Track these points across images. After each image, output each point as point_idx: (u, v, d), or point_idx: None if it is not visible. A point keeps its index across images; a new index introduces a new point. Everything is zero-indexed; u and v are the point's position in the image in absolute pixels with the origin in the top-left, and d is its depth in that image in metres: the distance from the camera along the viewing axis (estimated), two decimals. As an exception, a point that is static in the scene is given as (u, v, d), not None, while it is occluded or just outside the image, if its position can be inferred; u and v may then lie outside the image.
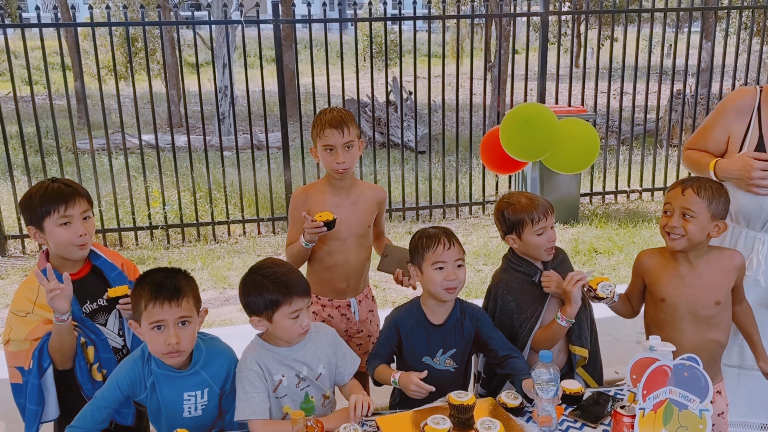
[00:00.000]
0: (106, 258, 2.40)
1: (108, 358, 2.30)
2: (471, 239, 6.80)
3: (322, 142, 2.64)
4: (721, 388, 2.56)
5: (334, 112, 2.66)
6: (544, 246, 2.44)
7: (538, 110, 3.67)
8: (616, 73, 10.73)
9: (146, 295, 1.98)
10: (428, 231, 2.38)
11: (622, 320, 2.79)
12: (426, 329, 2.38)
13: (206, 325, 4.89)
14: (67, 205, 2.20)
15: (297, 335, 2.12)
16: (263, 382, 2.11)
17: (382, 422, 2.01)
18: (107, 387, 2.08)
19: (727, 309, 2.45)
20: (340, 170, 2.65)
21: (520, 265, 2.50)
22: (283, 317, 2.07)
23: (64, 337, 2.16)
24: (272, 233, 7.16)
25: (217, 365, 2.14)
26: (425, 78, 7.15)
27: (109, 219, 6.89)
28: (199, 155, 8.65)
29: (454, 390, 2.32)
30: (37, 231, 2.24)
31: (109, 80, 15.19)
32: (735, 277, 2.44)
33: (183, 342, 1.99)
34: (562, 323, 2.36)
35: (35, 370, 2.18)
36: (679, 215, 2.34)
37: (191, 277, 2.13)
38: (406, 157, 9.52)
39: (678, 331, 2.44)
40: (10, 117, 7.94)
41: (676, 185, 2.40)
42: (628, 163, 7.99)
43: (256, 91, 8.54)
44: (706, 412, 1.83)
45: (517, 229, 2.45)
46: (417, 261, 2.35)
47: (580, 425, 2.09)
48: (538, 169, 6.85)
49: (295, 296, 2.07)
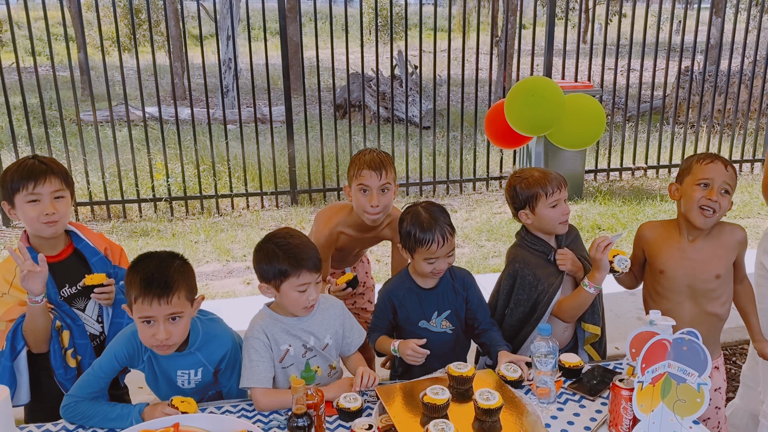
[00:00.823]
0: (89, 242, 2.33)
1: (83, 344, 2.26)
2: (474, 215, 6.80)
3: (358, 182, 2.60)
4: (719, 364, 2.57)
5: (373, 154, 2.63)
6: (558, 219, 2.42)
7: (544, 84, 3.63)
8: (624, 49, 10.63)
9: (136, 287, 1.91)
10: (421, 219, 2.29)
11: (623, 296, 2.80)
12: (418, 294, 2.40)
13: (209, 296, 4.93)
14: (36, 183, 2.14)
15: (302, 308, 2.12)
16: (268, 352, 2.13)
17: (382, 392, 2.03)
18: (105, 357, 2.06)
19: (727, 284, 2.45)
20: (372, 214, 2.61)
21: (534, 243, 2.49)
22: (290, 288, 2.08)
23: (38, 319, 2.12)
24: (275, 207, 7.16)
25: (213, 347, 2.12)
26: (431, 52, 7.10)
27: (112, 191, 6.90)
28: (203, 128, 8.62)
29: (454, 352, 2.38)
30: (10, 207, 2.21)
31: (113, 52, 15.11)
32: (736, 251, 2.43)
33: (173, 337, 1.95)
34: (590, 290, 2.33)
35: (8, 351, 2.15)
36: (719, 191, 2.30)
37: (186, 265, 2.04)
38: (411, 133, 9.48)
39: (676, 303, 2.45)
40: (13, 88, 7.92)
41: (711, 158, 2.34)
42: (633, 140, 7.94)
43: (260, 64, 8.48)
44: (704, 385, 1.83)
45: (530, 203, 2.42)
46: (408, 248, 2.33)
47: (579, 398, 2.10)
48: (542, 144, 6.82)
49: (304, 270, 2.06)
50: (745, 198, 7.22)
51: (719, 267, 2.40)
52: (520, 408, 1.94)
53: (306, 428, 1.72)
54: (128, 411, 1.99)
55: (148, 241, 6.14)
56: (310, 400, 1.80)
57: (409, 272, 2.44)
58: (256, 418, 2.04)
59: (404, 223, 2.34)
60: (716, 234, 2.42)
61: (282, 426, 1.96)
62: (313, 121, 7.78)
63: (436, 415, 1.84)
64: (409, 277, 2.43)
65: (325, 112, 8.87)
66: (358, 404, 1.97)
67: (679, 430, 1.87)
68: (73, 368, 2.23)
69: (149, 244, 6.05)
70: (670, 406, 1.87)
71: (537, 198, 2.41)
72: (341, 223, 2.75)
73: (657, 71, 7.57)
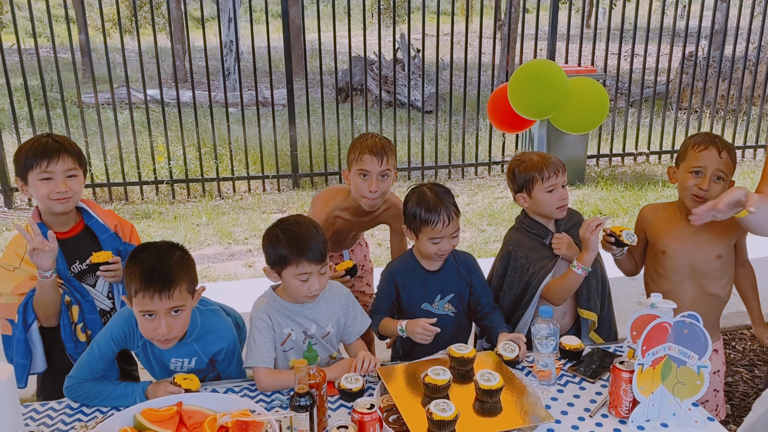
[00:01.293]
0: (99, 218, 2.36)
1: (93, 319, 2.28)
2: (476, 200, 6.80)
3: (358, 167, 2.58)
4: (719, 347, 2.58)
5: (375, 139, 2.61)
6: (554, 204, 2.42)
7: (548, 67, 3.61)
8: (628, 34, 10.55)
9: (136, 281, 1.89)
10: (427, 199, 2.29)
11: (624, 281, 2.80)
12: (422, 277, 2.41)
13: (211, 279, 4.95)
14: (50, 161, 2.17)
15: (303, 297, 2.12)
16: (271, 333, 2.14)
17: (384, 373, 2.04)
18: (102, 338, 2.05)
19: (728, 264, 2.45)
20: (370, 199, 2.60)
21: (532, 227, 2.49)
22: (290, 276, 2.07)
23: (47, 294, 2.15)
24: (277, 190, 7.16)
25: (210, 340, 2.11)
26: (434, 36, 7.05)
27: (114, 173, 6.90)
28: (204, 111, 8.60)
29: (455, 336, 2.40)
30: (23, 184, 2.23)
31: (114, 34, 15.04)
32: (737, 233, 2.43)
33: (174, 330, 1.95)
34: (578, 271, 2.32)
35: (20, 324, 2.19)
36: (711, 178, 2.30)
37: (187, 257, 2.01)
38: (413, 117, 9.45)
39: (677, 284, 2.46)
40: (14, 69, 7.89)
41: (706, 143, 2.31)
42: (636, 125, 7.92)
43: (261, 47, 8.45)
44: (704, 368, 1.84)
45: (527, 186, 2.43)
46: (413, 228, 2.33)
47: (579, 380, 2.11)
48: (545, 128, 6.80)
49: (304, 260, 2.05)
50: (747, 184, 7.21)
51: (720, 247, 2.41)
52: (521, 389, 1.95)
53: (308, 407, 1.73)
54: (131, 389, 2.00)
55: (150, 223, 6.15)
56: (312, 379, 1.81)
57: (413, 254, 2.44)
58: (259, 397, 2.05)
59: (409, 203, 2.34)
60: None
61: (284, 405, 1.98)
62: (315, 105, 7.76)
63: (437, 395, 1.85)
64: (414, 259, 2.43)
65: (327, 96, 8.84)
66: (360, 385, 1.99)
67: (678, 412, 1.88)
68: (83, 342, 2.27)
69: (151, 226, 6.07)
70: (669, 389, 1.88)
71: (533, 182, 2.41)
72: (338, 207, 2.75)
73: (661, 56, 7.52)
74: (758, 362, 3.67)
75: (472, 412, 1.85)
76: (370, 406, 1.71)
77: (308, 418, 1.74)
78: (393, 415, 1.87)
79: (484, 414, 1.84)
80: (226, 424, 1.74)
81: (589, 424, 1.89)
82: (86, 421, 1.93)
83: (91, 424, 1.90)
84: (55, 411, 1.98)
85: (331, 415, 1.94)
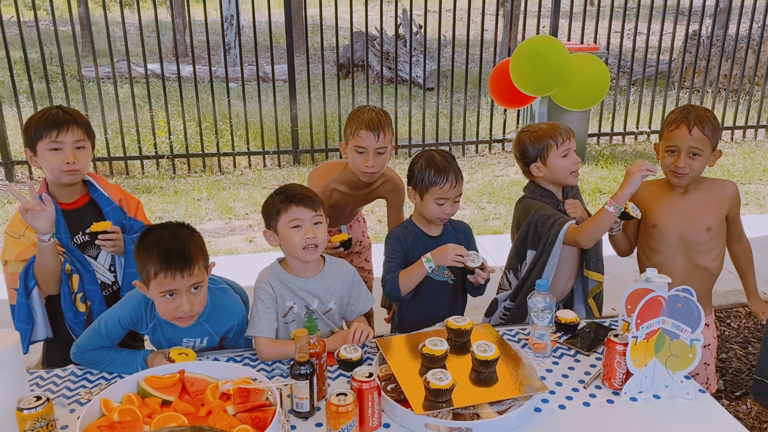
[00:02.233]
0: (103, 191, 2.38)
1: (93, 290, 2.30)
2: (476, 177, 6.81)
3: (355, 143, 2.59)
4: (710, 321, 2.62)
5: (372, 113, 2.59)
6: (570, 168, 2.47)
7: (550, 43, 3.60)
8: (632, 12, 10.47)
9: (155, 262, 1.89)
10: (437, 161, 2.35)
11: (621, 259, 2.84)
12: (424, 242, 2.45)
13: (212, 254, 4.98)
14: (59, 131, 2.19)
15: (300, 249, 2.11)
16: (274, 304, 2.17)
17: (383, 344, 2.08)
18: (110, 319, 2.06)
19: (718, 237, 2.49)
20: (367, 173, 2.62)
21: (544, 195, 2.53)
22: (284, 227, 2.10)
23: (46, 258, 2.17)
24: (278, 166, 7.17)
25: (221, 318, 2.13)
26: (436, 12, 7.01)
27: (115, 147, 6.91)
28: (205, 86, 8.57)
29: (453, 304, 2.48)
30: (32, 154, 2.25)
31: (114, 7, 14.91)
32: (728, 206, 2.47)
33: (195, 307, 1.97)
34: (611, 209, 2.32)
35: (21, 290, 2.22)
36: (686, 155, 2.35)
37: (196, 234, 2.03)
38: (414, 94, 9.41)
39: (668, 257, 2.50)
40: (14, 42, 7.85)
41: (677, 122, 2.36)
42: (638, 104, 7.90)
43: (262, 22, 8.39)
44: (696, 341, 1.88)
45: (542, 154, 2.46)
46: (420, 189, 2.38)
47: (574, 353, 2.15)
48: (546, 105, 6.79)
49: (293, 204, 2.08)
50: (747, 164, 7.22)
51: (710, 220, 2.45)
52: (516, 360, 1.99)
53: (308, 376, 1.77)
54: (133, 357, 2.04)
55: (150, 197, 6.17)
56: (313, 349, 1.84)
57: (413, 221, 2.49)
58: (260, 366, 2.09)
59: (418, 164, 2.38)
60: (707, 187, 2.46)
61: (285, 374, 2.02)
62: (316, 81, 7.73)
63: (434, 365, 1.89)
64: (414, 225, 2.48)
65: (328, 72, 8.80)
66: (359, 355, 2.02)
67: (670, 384, 1.92)
68: (83, 313, 2.29)
69: (152, 200, 6.09)
70: (662, 361, 1.92)
71: (548, 149, 2.45)
72: (335, 180, 2.76)
73: (664, 35, 7.47)
74: (752, 339, 3.71)
75: (468, 382, 1.89)
76: (369, 375, 1.75)
77: (308, 386, 1.78)
78: (391, 384, 1.90)
79: (479, 384, 1.88)
80: (227, 391, 1.78)
81: (583, 395, 1.93)
82: (90, 387, 1.97)
83: (95, 390, 1.94)
84: (60, 378, 2.02)
85: (331, 384, 1.98)
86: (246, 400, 1.74)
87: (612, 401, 1.90)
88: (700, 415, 1.85)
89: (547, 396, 1.91)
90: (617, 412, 1.86)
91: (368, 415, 1.74)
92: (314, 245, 2.12)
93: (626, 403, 1.89)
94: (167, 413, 1.72)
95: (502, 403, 1.81)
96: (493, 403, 1.81)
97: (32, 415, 1.62)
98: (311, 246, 2.11)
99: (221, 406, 1.73)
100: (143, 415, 1.70)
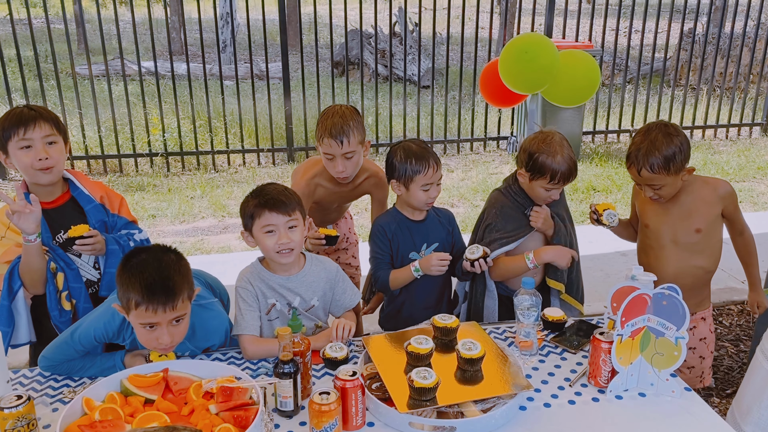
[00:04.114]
0: (83, 189, 2.33)
1: (78, 288, 2.27)
2: (470, 175, 6.80)
3: (323, 149, 2.58)
4: (707, 315, 2.63)
5: (336, 118, 2.54)
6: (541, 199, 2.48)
7: (537, 40, 3.59)
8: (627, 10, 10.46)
9: (137, 292, 1.80)
10: (414, 151, 2.38)
11: (614, 257, 2.85)
12: (408, 228, 2.50)
13: (204, 252, 4.97)
14: (26, 128, 2.14)
15: (274, 253, 2.10)
16: (256, 301, 2.16)
17: (368, 342, 2.07)
18: (84, 333, 1.98)
19: (711, 237, 2.49)
20: (339, 178, 2.63)
21: (518, 195, 2.53)
22: (258, 231, 2.10)
23: (32, 258, 2.14)
24: (272, 164, 7.15)
25: (202, 337, 2.08)
26: (431, 9, 6.99)
27: (108, 145, 6.88)
28: (200, 83, 8.55)
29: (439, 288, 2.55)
30: (5, 156, 2.21)
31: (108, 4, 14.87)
32: (720, 206, 2.47)
33: (176, 338, 1.90)
34: (530, 264, 2.42)
35: (5, 292, 2.19)
36: (649, 188, 2.41)
37: (182, 261, 1.93)
38: (409, 92, 9.40)
39: (662, 257, 2.53)
40: (7, 40, 7.82)
41: (629, 163, 2.38)
42: (632, 102, 7.89)
43: (257, 20, 8.36)
44: (681, 339, 1.87)
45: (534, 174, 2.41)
46: (404, 180, 2.40)
47: (561, 351, 2.15)
48: (539, 103, 6.78)
49: (266, 210, 2.07)
50: (741, 161, 7.22)
51: (699, 221, 2.46)
52: (502, 358, 1.98)
53: (292, 374, 1.76)
54: (110, 362, 2.02)
55: (144, 195, 6.16)
56: (297, 347, 1.84)
57: (396, 209, 2.52)
58: (245, 365, 2.08)
59: (396, 157, 2.41)
60: (697, 190, 2.46)
61: (270, 373, 2.01)
62: (311, 79, 7.72)
63: (419, 363, 1.88)
64: (398, 212, 2.52)
65: (323, 70, 8.78)
66: (344, 353, 2.02)
67: (656, 382, 1.92)
68: (68, 311, 2.26)
69: (145, 198, 6.07)
70: (648, 359, 1.91)
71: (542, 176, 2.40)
72: (318, 175, 2.75)
73: (659, 33, 7.47)
74: (744, 337, 3.72)
75: (453, 380, 1.88)
76: (353, 373, 1.74)
77: (292, 384, 1.77)
78: (376, 383, 1.90)
79: (465, 382, 1.88)
80: (211, 390, 1.77)
81: (569, 393, 1.92)
82: (74, 386, 1.96)
83: (79, 389, 1.94)
84: (44, 377, 2.01)
85: (316, 382, 1.98)
86: (229, 398, 1.74)
87: (597, 399, 1.90)
88: (685, 413, 1.84)
89: (532, 394, 1.90)
90: (602, 410, 1.86)
91: (352, 413, 1.74)
92: (289, 249, 2.11)
93: (611, 401, 1.89)
94: (149, 412, 1.71)
95: (486, 402, 1.81)
96: (478, 401, 1.81)
97: (12, 415, 1.61)
98: (285, 250, 2.11)
99: (204, 404, 1.72)
100: (125, 414, 1.69)
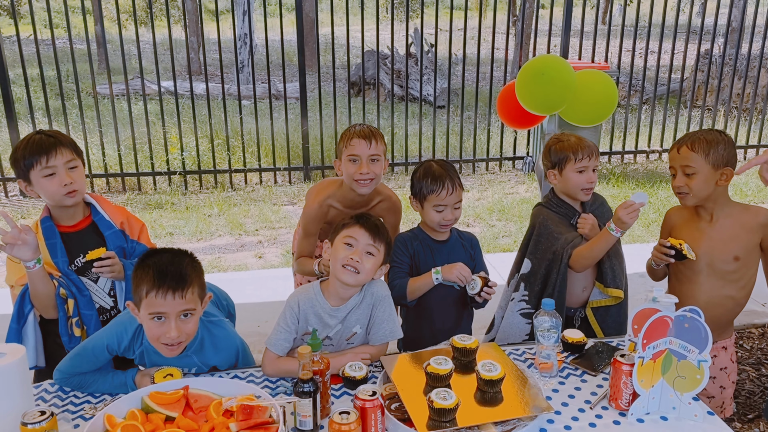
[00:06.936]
0: (104, 215, 2.34)
1: (89, 315, 2.26)
2: (486, 195, 6.80)
3: (348, 152, 2.62)
4: (729, 345, 2.58)
5: (364, 126, 2.67)
6: (581, 185, 2.55)
7: (554, 62, 3.61)
8: (643, 31, 10.48)
9: (148, 280, 1.84)
10: (433, 170, 2.44)
11: (633, 278, 2.83)
12: (431, 247, 2.53)
13: (221, 269, 4.99)
14: (48, 156, 2.15)
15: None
16: (295, 324, 2.14)
17: (387, 362, 2.07)
18: (97, 344, 2.01)
19: (748, 268, 2.44)
20: (362, 181, 2.61)
21: (559, 206, 2.62)
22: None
23: (37, 284, 2.15)
24: (288, 183, 7.20)
25: (210, 353, 2.08)
26: (447, 30, 7.05)
27: (128, 164, 6.97)
28: (218, 103, 8.65)
29: (458, 311, 2.53)
30: (26, 184, 2.22)
31: (129, 25, 15.13)
32: (760, 234, 2.41)
33: (183, 335, 1.90)
34: (616, 234, 2.40)
35: (15, 315, 2.21)
36: (681, 174, 2.39)
37: (197, 262, 1.99)
38: (425, 112, 9.45)
39: (695, 284, 2.47)
40: (31, 60, 7.97)
41: (673, 145, 2.44)
42: (649, 123, 7.88)
43: (275, 40, 8.47)
44: (704, 362, 1.85)
45: (559, 164, 2.56)
46: (420, 198, 2.46)
47: (581, 372, 2.13)
48: (555, 123, 6.78)
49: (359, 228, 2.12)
50: (759, 183, 7.16)
51: (738, 248, 2.40)
52: (522, 380, 1.97)
53: (311, 393, 1.76)
54: (122, 379, 2.02)
55: (162, 213, 6.22)
56: (316, 366, 1.84)
57: (420, 227, 2.57)
58: (264, 384, 2.08)
59: (417, 174, 2.49)
60: (737, 215, 2.42)
61: (289, 392, 2.01)
62: (328, 98, 7.79)
63: (438, 384, 1.88)
64: (422, 231, 2.56)
65: (340, 90, 8.86)
66: (363, 373, 2.02)
67: (678, 405, 1.90)
68: (78, 337, 2.25)
69: (163, 216, 6.13)
70: (670, 382, 1.89)
71: (566, 161, 2.55)
72: (331, 197, 2.77)
73: (676, 54, 7.47)
74: (765, 361, 3.66)
75: (473, 402, 1.87)
76: (372, 393, 1.74)
77: (311, 403, 1.77)
78: (395, 403, 1.89)
79: (484, 403, 1.87)
80: (231, 408, 1.78)
81: (589, 415, 1.90)
82: (95, 402, 1.97)
83: (100, 405, 1.95)
84: (65, 392, 2.02)
85: (335, 402, 1.98)
86: (249, 417, 1.74)
87: (618, 422, 1.87)
88: (709, 438, 1.82)
89: (552, 416, 1.89)
90: (624, 433, 1.84)
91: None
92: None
93: (633, 424, 1.87)
94: (170, 429, 1.71)
95: (506, 423, 1.79)
96: (498, 423, 1.79)
97: (36, 430, 1.63)
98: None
99: (224, 422, 1.73)
100: (146, 431, 1.70)
